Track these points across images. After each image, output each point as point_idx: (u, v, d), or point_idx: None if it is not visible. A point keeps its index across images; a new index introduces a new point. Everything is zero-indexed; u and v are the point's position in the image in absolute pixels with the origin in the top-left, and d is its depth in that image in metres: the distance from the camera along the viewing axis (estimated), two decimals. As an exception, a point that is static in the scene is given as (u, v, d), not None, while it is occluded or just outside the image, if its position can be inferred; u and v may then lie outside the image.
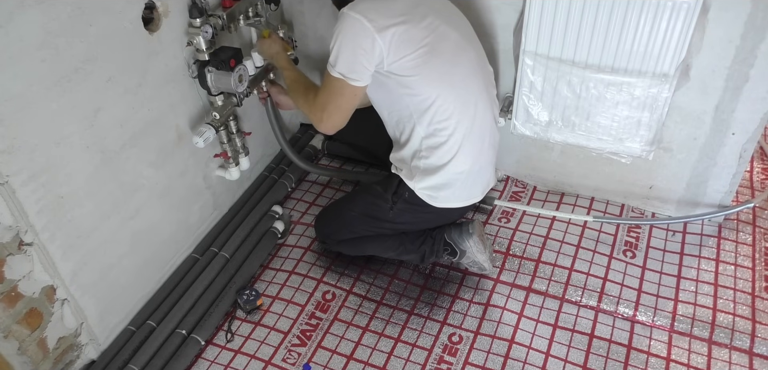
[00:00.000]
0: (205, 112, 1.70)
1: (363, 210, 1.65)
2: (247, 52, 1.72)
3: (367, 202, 1.65)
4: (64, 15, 1.22)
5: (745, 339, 1.49)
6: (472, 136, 1.49)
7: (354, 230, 1.68)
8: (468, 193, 1.58)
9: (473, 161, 1.52)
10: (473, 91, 1.49)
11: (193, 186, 1.75)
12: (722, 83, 1.53)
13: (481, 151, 1.54)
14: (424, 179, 1.52)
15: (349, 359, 1.54)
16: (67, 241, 1.36)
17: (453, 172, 1.50)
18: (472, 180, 1.55)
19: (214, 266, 1.73)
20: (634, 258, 1.73)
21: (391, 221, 1.62)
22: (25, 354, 1.34)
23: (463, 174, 1.51)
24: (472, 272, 1.72)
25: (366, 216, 1.64)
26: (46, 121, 1.25)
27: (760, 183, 1.92)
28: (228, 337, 1.62)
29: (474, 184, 1.58)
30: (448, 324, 1.60)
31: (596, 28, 1.49)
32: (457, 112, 1.45)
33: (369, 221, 1.65)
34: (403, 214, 1.60)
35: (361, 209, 1.66)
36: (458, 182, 1.53)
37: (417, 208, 1.57)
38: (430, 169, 1.51)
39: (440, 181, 1.51)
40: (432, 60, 1.39)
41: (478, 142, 1.52)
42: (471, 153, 1.50)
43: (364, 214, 1.65)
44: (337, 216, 1.71)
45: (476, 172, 1.55)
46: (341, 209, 1.71)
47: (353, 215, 1.66)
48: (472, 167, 1.52)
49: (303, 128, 2.31)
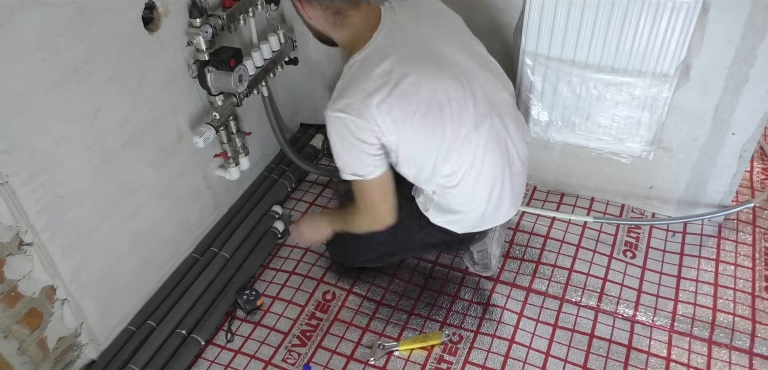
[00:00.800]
0: (205, 112, 1.70)
1: (388, 233, 1.47)
2: (247, 52, 1.72)
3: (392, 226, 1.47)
4: (64, 15, 1.22)
5: (745, 339, 1.49)
6: (488, 170, 1.36)
7: (378, 251, 1.59)
8: (491, 219, 1.47)
9: (489, 194, 1.39)
10: (483, 131, 1.32)
11: (193, 186, 1.75)
12: (722, 83, 1.53)
13: (502, 179, 1.40)
14: (438, 215, 1.43)
15: (349, 359, 1.54)
16: (67, 241, 1.36)
17: (470, 210, 1.41)
18: (493, 207, 1.42)
19: (214, 266, 1.73)
20: (634, 258, 1.73)
21: (419, 241, 1.53)
22: (25, 354, 1.34)
23: (480, 208, 1.41)
24: (473, 273, 1.72)
25: (392, 238, 1.49)
26: (46, 121, 1.25)
27: (760, 183, 1.92)
28: (228, 337, 1.62)
29: (497, 210, 1.44)
30: (448, 324, 1.60)
31: (596, 28, 1.49)
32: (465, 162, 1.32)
33: (394, 243, 1.54)
34: (432, 235, 1.49)
35: (386, 233, 1.47)
36: (477, 214, 1.42)
37: (447, 232, 1.46)
38: (445, 209, 1.41)
39: (456, 219, 1.43)
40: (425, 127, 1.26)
41: (497, 170, 1.38)
42: (488, 186, 1.38)
43: (391, 235, 1.47)
44: (356, 244, 1.56)
45: (497, 202, 1.42)
46: (360, 237, 1.50)
47: (376, 241, 1.50)
48: (490, 199, 1.40)
49: (303, 128, 2.31)
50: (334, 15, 1.25)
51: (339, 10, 1.24)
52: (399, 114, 1.22)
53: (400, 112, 1.22)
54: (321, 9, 1.25)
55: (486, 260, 1.66)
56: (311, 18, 1.30)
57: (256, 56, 1.72)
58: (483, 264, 1.68)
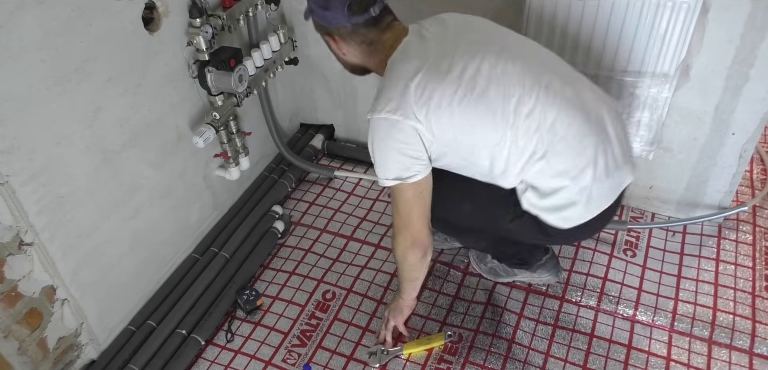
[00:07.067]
0: (205, 112, 1.70)
1: (480, 205, 1.38)
2: (247, 52, 1.72)
3: (487, 197, 1.35)
4: (64, 15, 1.22)
5: (745, 339, 1.49)
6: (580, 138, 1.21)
7: (460, 215, 1.43)
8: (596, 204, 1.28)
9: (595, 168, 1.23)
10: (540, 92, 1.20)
11: (193, 186, 1.75)
12: (722, 83, 1.53)
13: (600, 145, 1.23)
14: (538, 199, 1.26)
15: (349, 359, 1.54)
16: (67, 241, 1.36)
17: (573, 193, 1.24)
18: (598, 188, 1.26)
19: (214, 266, 1.73)
20: (634, 257, 1.73)
21: (507, 230, 1.39)
22: (25, 354, 1.34)
23: (586, 189, 1.24)
24: (473, 272, 1.72)
25: (480, 211, 1.39)
26: (46, 121, 1.25)
27: (760, 183, 1.92)
28: (228, 337, 1.62)
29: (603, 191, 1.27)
30: (447, 324, 1.60)
31: (596, 28, 1.49)
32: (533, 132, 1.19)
33: (481, 218, 1.41)
34: (524, 230, 1.36)
35: (478, 203, 1.38)
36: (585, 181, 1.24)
37: (547, 228, 1.31)
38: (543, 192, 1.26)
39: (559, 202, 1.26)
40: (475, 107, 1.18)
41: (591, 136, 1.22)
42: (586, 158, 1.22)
43: (479, 209, 1.38)
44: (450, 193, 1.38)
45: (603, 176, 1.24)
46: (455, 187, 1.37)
47: (467, 205, 1.40)
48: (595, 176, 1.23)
49: (303, 128, 2.31)
50: (368, 45, 1.25)
51: (372, 41, 1.24)
52: (439, 96, 1.18)
53: (440, 93, 1.18)
54: (355, 43, 1.26)
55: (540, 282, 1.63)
56: (346, 53, 1.29)
57: (256, 56, 1.72)
58: (490, 268, 1.66)
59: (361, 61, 1.31)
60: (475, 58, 1.20)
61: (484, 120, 1.19)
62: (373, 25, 1.23)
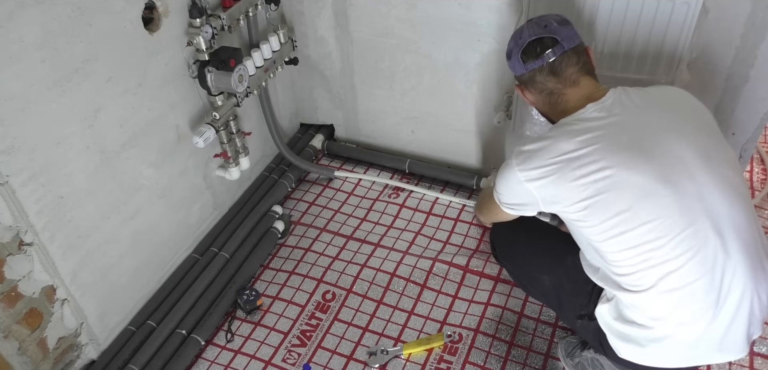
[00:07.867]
0: (205, 112, 1.70)
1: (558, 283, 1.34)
2: (247, 52, 1.72)
3: (569, 283, 1.31)
4: (64, 15, 1.23)
5: (745, 339, 1.49)
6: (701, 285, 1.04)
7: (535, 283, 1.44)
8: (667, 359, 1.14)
9: (706, 325, 1.06)
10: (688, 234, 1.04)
11: (193, 186, 1.75)
12: (722, 83, 1.53)
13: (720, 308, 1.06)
14: (612, 321, 1.17)
15: (349, 359, 1.54)
16: (67, 241, 1.36)
17: (665, 336, 1.10)
18: (703, 348, 1.10)
19: (214, 266, 1.73)
20: (634, 258, 1.73)
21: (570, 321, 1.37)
22: (25, 354, 1.34)
23: (684, 344, 1.09)
24: (473, 270, 1.72)
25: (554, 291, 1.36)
26: (46, 121, 1.25)
27: (760, 183, 1.92)
28: (228, 337, 1.62)
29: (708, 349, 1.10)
30: (447, 324, 1.60)
31: (596, 28, 1.49)
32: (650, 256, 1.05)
33: (550, 297, 1.40)
34: (587, 332, 1.28)
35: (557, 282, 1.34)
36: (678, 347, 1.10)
37: (606, 345, 1.21)
38: (623, 317, 1.15)
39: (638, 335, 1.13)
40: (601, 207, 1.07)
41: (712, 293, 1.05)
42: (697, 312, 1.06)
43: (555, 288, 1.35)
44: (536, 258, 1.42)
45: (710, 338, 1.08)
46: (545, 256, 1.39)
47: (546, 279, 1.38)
48: (702, 336, 1.07)
49: (303, 128, 2.31)
50: (549, 96, 1.23)
51: (552, 91, 1.22)
52: (564, 203, 1.12)
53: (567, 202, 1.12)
54: (535, 92, 1.25)
55: None
56: (532, 103, 1.30)
57: (256, 56, 1.72)
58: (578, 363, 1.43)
59: (546, 111, 1.28)
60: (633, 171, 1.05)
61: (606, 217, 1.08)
62: (550, 73, 1.19)
